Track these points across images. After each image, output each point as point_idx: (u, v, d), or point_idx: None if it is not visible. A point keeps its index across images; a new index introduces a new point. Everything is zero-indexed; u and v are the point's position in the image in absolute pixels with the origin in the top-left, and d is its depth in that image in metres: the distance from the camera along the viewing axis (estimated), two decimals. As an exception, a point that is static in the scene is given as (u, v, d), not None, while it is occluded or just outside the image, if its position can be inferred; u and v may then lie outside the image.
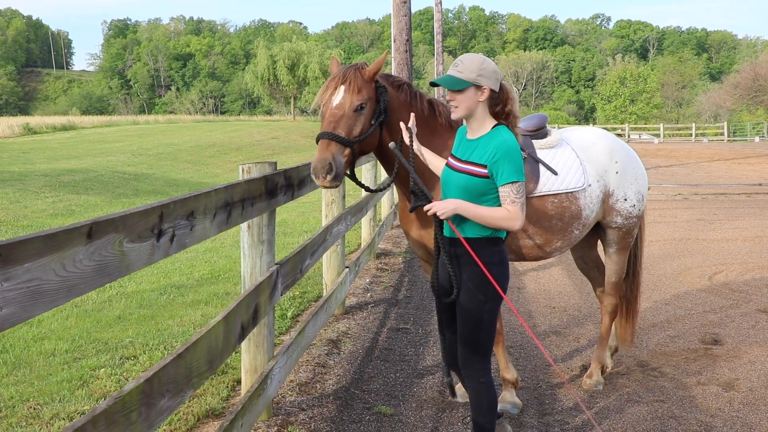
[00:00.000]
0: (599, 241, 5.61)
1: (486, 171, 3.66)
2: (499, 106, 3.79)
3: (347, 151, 4.03)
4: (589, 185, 4.97)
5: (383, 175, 12.52)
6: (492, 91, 3.76)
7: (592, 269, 5.85)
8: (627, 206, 5.19)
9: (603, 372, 5.51)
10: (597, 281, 5.83)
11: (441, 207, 3.71)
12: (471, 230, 3.77)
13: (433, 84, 3.97)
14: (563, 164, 4.92)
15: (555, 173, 4.83)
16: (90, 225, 2.27)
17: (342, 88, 4.09)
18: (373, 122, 4.09)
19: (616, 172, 5.12)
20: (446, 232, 3.88)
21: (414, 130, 4.12)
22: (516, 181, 3.62)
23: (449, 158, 3.95)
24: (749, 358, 5.95)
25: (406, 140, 4.11)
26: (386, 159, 4.38)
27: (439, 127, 4.44)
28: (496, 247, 3.80)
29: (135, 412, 2.52)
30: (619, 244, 5.34)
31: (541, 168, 4.85)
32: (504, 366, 5.02)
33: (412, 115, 4.18)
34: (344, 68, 4.17)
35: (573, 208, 4.89)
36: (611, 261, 5.42)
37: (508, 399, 4.98)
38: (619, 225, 5.24)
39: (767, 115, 66.18)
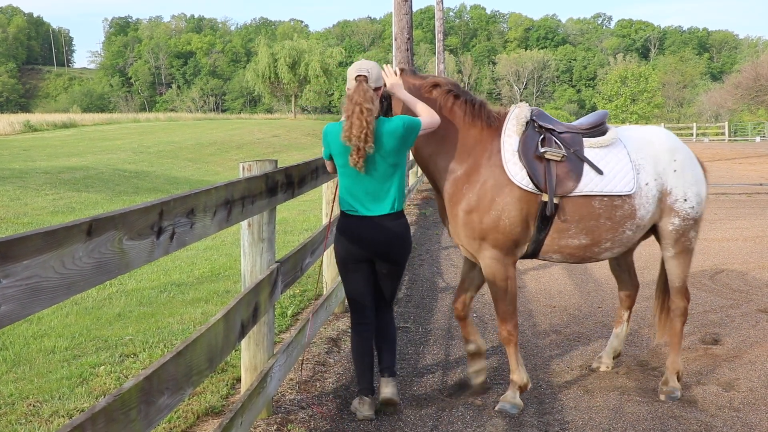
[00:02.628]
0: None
1: None
2: None
3: None
4: (646, 184, 4.92)
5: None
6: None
7: (624, 272, 5.70)
8: (686, 207, 5.04)
9: (679, 378, 5.23)
10: (624, 284, 5.70)
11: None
12: None
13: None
14: (613, 165, 4.87)
15: (600, 173, 4.82)
16: (90, 222, 2.26)
17: None
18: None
19: (675, 171, 5.01)
20: None
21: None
22: None
23: None
24: (749, 357, 5.94)
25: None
26: None
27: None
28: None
29: (134, 409, 2.52)
30: (675, 247, 5.13)
31: (586, 167, 4.84)
32: (514, 368, 5.00)
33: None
34: None
35: (626, 207, 4.88)
36: (671, 266, 5.22)
37: (509, 399, 4.96)
38: (676, 227, 5.06)
39: (768, 115, 66.12)
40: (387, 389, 4.86)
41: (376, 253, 4.70)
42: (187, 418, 4.69)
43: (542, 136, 4.89)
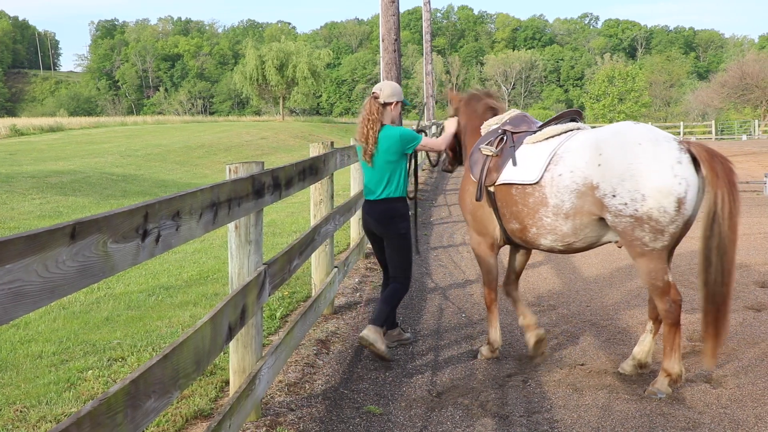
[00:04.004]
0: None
1: None
2: None
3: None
4: (560, 175, 5.16)
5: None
6: None
7: None
8: (616, 203, 4.89)
9: (673, 383, 5.15)
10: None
11: None
12: None
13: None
14: (530, 158, 5.40)
15: (515, 165, 5.47)
16: (73, 225, 2.25)
17: None
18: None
19: (599, 165, 4.96)
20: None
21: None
22: None
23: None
24: (737, 354, 5.97)
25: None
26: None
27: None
28: None
29: (121, 413, 2.51)
30: (629, 249, 5.05)
31: (510, 160, 5.53)
32: (489, 329, 6.06)
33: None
34: None
35: (536, 194, 5.29)
36: (636, 267, 5.18)
37: (483, 351, 6.08)
38: (612, 223, 4.98)
39: (754, 114, 66.46)
40: (364, 331, 5.88)
41: (374, 228, 6.15)
42: (175, 421, 4.67)
43: (492, 137, 5.79)
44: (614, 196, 4.91)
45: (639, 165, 4.86)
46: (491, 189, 5.62)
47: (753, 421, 4.70)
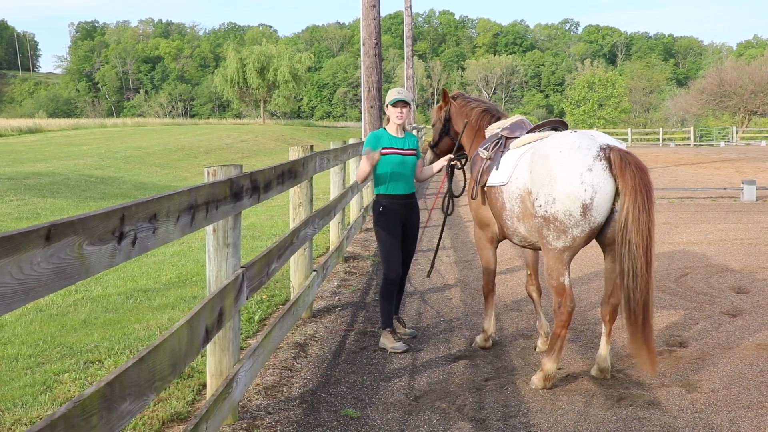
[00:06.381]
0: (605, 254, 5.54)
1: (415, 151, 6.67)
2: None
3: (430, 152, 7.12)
4: (511, 181, 5.61)
5: (351, 178, 12.53)
6: None
7: (606, 278, 5.59)
8: (537, 205, 5.28)
9: (545, 378, 5.39)
10: (605, 291, 5.62)
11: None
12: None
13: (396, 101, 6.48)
14: (507, 163, 5.74)
15: (497, 168, 5.83)
16: (48, 228, 2.24)
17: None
18: (440, 133, 6.99)
19: (530, 172, 5.37)
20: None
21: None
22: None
23: (395, 148, 6.47)
24: (712, 359, 6.02)
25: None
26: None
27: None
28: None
29: (95, 416, 2.50)
30: (541, 247, 5.48)
31: (496, 164, 5.87)
32: (486, 317, 6.42)
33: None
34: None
35: (501, 198, 5.75)
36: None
37: (477, 340, 6.48)
38: (533, 222, 5.41)
39: (732, 120, 67.12)
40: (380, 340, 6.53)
41: None
42: (151, 424, 4.65)
43: (491, 141, 6.12)
44: (536, 199, 5.29)
45: (555, 171, 5.15)
46: (485, 189, 6.01)
47: (727, 426, 4.75)
